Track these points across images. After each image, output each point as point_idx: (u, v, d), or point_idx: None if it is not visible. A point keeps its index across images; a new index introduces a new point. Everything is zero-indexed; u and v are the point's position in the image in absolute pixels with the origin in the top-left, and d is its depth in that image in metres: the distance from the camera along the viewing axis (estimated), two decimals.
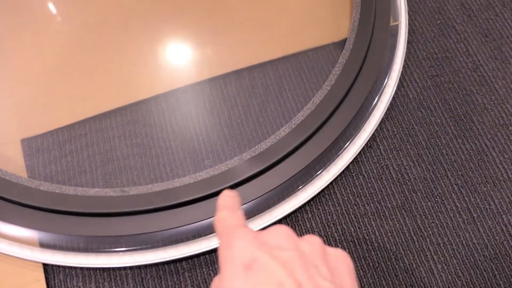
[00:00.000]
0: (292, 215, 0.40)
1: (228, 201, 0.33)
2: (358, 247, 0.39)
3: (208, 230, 0.37)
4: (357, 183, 0.42)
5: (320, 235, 0.39)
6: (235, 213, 0.31)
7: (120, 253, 0.37)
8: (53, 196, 0.36)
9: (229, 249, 0.28)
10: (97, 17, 0.47)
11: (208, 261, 0.38)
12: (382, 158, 0.43)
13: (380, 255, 0.39)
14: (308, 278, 0.26)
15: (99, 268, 0.38)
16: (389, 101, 0.44)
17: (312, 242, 0.29)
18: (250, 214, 0.38)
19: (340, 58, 0.43)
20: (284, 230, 0.29)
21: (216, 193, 0.37)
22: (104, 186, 0.40)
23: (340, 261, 0.28)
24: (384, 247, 0.39)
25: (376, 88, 0.44)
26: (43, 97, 0.43)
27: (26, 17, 0.47)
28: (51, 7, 0.48)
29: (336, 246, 0.39)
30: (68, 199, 0.36)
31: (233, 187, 0.38)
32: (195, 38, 0.47)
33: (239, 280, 0.26)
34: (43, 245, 0.37)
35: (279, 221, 0.39)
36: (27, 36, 0.46)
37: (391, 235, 0.40)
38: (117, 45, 0.46)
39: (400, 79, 0.45)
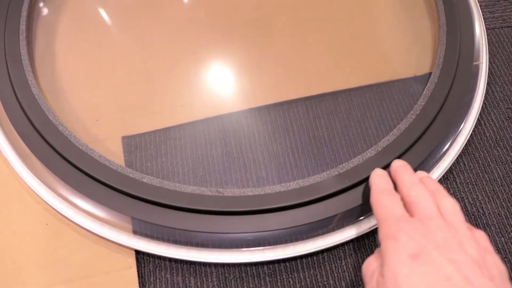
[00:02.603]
0: (370, 234, 0.42)
1: (383, 182, 0.35)
2: None
3: (294, 237, 0.39)
4: None
5: None
6: (394, 198, 0.33)
7: (209, 250, 0.39)
8: (154, 189, 0.39)
9: (393, 239, 0.30)
10: (198, 31, 0.51)
11: (288, 268, 0.40)
12: (458, 190, 0.44)
13: None
14: (475, 277, 0.28)
15: (187, 263, 0.40)
16: (468, 137, 0.46)
17: (480, 241, 0.31)
18: (333, 227, 0.40)
19: (425, 91, 0.45)
20: (451, 231, 0.31)
21: (305, 204, 0.39)
22: None
23: (500, 269, 0.30)
24: None
25: (456, 122, 0.46)
26: (144, 101, 0.47)
27: (131, 29, 0.52)
28: (154, 19, 0.52)
29: None
30: (168, 193, 0.39)
31: (319, 200, 0.40)
32: (286, 60, 0.50)
33: (405, 268, 0.28)
34: (137, 233, 0.40)
35: (360, 238, 0.41)
36: (132, 46, 0.51)
37: None
38: (214, 60, 0.50)
39: (477, 117, 0.47)
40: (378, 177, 0.37)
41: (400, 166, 0.38)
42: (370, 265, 0.33)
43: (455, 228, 0.31)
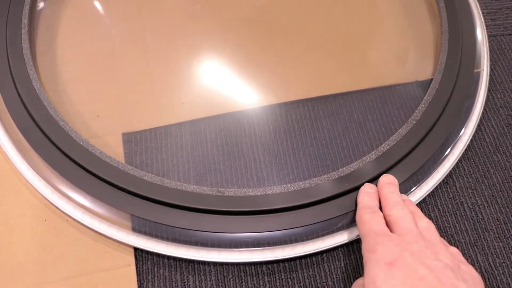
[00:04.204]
0: None
1: (368, 200, 0.38)
2: None
3: (294, 238, 0.39)
4: (432, 216, 0.44)
5: None
6: (376, 216, 0.36)
7: (208, 249, 0.39)
8: (155, 187, 0.39)
9: (373, 252, 0.32)
10: (201, 29, 0.51)
11: (287, 268, 0.40)
12: (458, 195, 0.45)
13: None
14: (447, 278, 0.30)
15: (185, 261, 0.40)
16: (468, 142, 0.46)
17: (454, 254, 0.34)
18: (333, 230, 0.40)
19: (426, 96, 0.46)
20: (427, 243, 0.33)
21: (305, 206, 0.39)
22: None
23: (474, 276, 0.32)
24: None
25: (457, 128, 0.46)
26: (145, 98, 0.47)
27: (133, 25, 0.52)
28: (157, 16, 0.52)
29: None
30: (168, 191, 0.39)
31: (319, 202, 0.40)
32: (289, 61, 0.50)
33: (382, 274, 0.31)
34: (136, 230, 0.40)
35: (359, 240, 0.41)
36: (134, 42, 0.50)
37: None
38: (217, 59, 0.50)
39: (478, 123, 0.47)
40: (364, 194, 0.39)
41: (386, 183, 0.39)
42: (357, 283, 0.36)
43: (430, 242, 0.34)
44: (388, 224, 0.36)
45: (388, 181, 0.40)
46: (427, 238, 0.34)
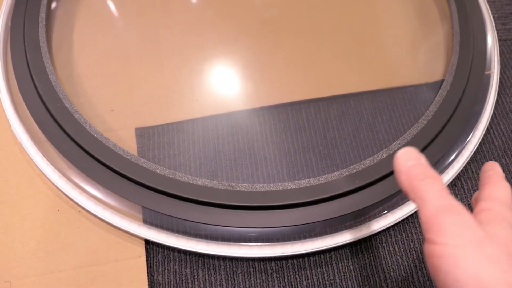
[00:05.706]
0: (377, 236, 0.42)
1: (417, 162, 0.29)
2: None
3: (303, 235, 0.40)
4: None
5: (401, 261, 0.41)
6: (435, 182, 0.28)
7: (218, 243, 0.39)
8: (167, 180, 0.40)
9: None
10: (215, 28, 0.52)
11: (296, 265, 0.41)
12: (465, 197, 0.45)
13: None
14: None
15: (195, 255, 0.40)
16: (477, 145, 0.46)
17: None
18: (341, 227, 0.41)
19: (437, 97, 0.46)
20: None
21: (315, 202, 0.40)
22: None
23: None
24: None
25: (466, 130, 0.46)
26: (159, 94, 0.48)
27: (148, 22, 0.52)
28: (172, 13, 0.53)
29: (416, 272, 0.41)
30: (180, 184, 0.39)
31: (330, 199, 0.40)
32: (301, 61, 0.51)
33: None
34: (147, 222, 0.40)
35: (368, 238, 0.41)
36: (148, 39, 0.51)
37: None
38: (230, 57, 0.51)
39: (487, 126, 0.48)
40: (408, 154, 0.30)
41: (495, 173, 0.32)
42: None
43: None
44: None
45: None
46: None
